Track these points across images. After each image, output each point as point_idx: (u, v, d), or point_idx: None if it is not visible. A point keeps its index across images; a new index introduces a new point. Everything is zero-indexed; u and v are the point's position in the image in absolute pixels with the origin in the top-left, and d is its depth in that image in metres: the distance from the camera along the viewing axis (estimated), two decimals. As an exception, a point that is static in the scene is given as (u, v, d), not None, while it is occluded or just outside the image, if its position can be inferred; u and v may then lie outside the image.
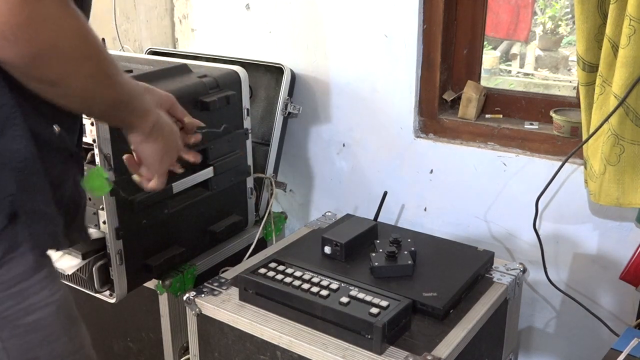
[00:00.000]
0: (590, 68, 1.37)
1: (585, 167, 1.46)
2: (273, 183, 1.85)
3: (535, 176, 1.62)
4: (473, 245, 1.56)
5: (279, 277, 1.35)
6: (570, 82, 3.58)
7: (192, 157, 1.15)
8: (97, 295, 1.46)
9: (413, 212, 1.88)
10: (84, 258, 1.41)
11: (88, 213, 1.40)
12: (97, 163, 1.32)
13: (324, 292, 1.28)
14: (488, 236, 1.77)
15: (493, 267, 1.51)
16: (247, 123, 1.68)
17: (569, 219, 1.63)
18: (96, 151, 1.31)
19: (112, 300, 1.45)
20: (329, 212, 1.85)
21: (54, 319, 0.90)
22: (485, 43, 1.86)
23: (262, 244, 1.77)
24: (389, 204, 1.73)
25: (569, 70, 3.88)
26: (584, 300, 1.62)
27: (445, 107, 1.82)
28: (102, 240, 1.40)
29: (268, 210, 1.81)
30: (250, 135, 1.70)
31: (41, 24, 0.70)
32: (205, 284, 1.45)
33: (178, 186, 1.50)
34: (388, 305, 1.23)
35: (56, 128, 0.86)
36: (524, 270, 1.53)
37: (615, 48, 1.28)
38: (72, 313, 0.95)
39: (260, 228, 1.77)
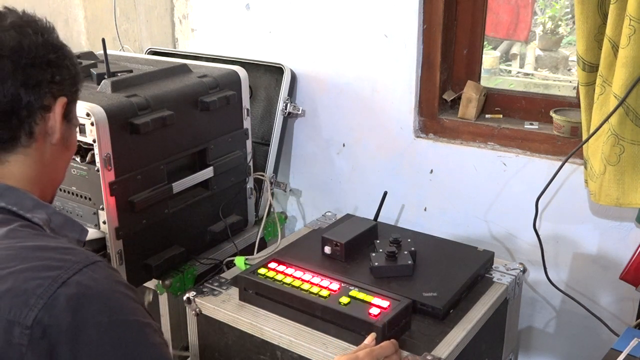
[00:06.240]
0: (590, 68, 1.37)
1: (586, 167, 1.46)
2: (273, 183, 1.85)
3: (535, 176, 1.62)
4: (473, 245, 1.56)
5: (279, 277, 1.35)
6: (570, 82, 3.58)
7: None
8: (97, 295, 1.45)
9: (413, 212, 1.87)
10: (84, 258, 1.41)
11: (88, 213, 1.40)
12: (97, 163, 1.32)
13: (324, 292, 1.28)
14: (488, 236, 1.77)
15: (493, 267, 1.51)
16: (247, 123, 1.68)
17: (569, 219, 1.63)
18: (96, 151, 1.31)
19: (112, 300, 1.44)
20: (329, 212, 1.84)
21: None
22: (485, 43, 1.86)
23: (262, 244, 1.77)
24: (389, 204, 1.73)
25: (569, 70, 3.88)
26: (584, 300, 1.62)
27: (445, 107, 1.82)
28: (102, 240, 1.39)
29: (268, 210, 1.81)
30: (250, 135, 1.70)
31: None
32: (205, 284, 1.45)
33: (178, 186, 1.50)
34: (388, 305, 1.23)
35: None
36: (524, 270, 1.53)
37: (615, 48, 1.28)
38: None
39: (261, 228, 1.77)
